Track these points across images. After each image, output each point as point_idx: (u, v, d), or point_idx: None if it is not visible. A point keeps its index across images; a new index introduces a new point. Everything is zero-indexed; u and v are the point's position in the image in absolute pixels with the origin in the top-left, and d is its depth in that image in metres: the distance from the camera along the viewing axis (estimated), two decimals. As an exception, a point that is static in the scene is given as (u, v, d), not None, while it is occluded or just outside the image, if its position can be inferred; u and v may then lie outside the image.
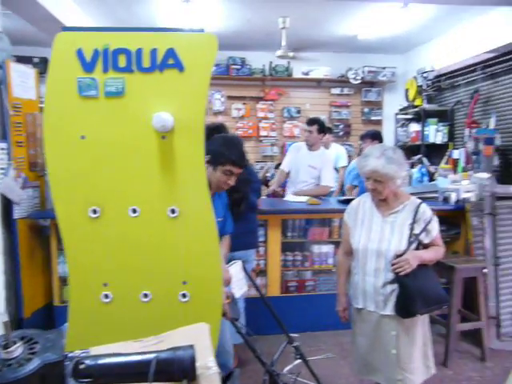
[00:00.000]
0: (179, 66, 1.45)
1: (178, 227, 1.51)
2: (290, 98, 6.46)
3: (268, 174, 5.41)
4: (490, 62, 4.70)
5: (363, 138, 4.51)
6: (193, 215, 1.51)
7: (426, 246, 2.15)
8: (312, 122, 4.19)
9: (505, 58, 4.43)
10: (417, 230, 2.08)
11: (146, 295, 1.53)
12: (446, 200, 3.78)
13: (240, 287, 2.11)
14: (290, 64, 6.20)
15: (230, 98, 6.33)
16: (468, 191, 3.68)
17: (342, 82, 6.40)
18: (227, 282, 1.93)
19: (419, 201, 2.17)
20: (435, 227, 2.14)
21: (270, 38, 5.48)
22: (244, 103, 6.35)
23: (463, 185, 3.79)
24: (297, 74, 6.25)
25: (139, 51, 1.43)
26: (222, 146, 2.04)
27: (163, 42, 1.44)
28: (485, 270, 3.38)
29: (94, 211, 1.52)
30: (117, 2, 4.41)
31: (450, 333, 3.15)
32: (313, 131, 4.12)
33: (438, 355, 3.10)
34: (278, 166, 5.52)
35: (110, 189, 1.52)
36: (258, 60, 6.20)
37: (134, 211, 1.51)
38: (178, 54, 1.44)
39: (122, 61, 1.44)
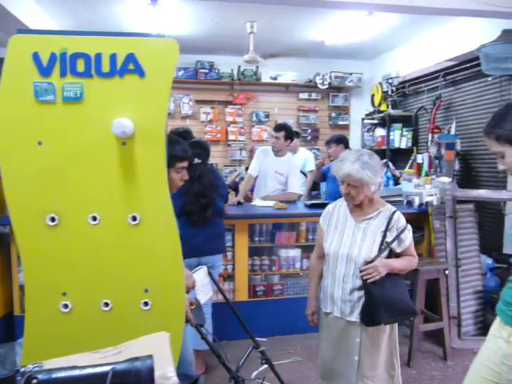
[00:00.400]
0: (140, 72, 1.43)
1: (140, 234, 1.49)
2: (259, 103, 6.48)
3: (237, 180, 5.41)
4: (451, 70, 4.87)
5: (328, 143, 4.57)
6: (154, 222, 1.49)
7: (398, 256, 2.12)
8: (279, 128, 4.20)
9: (464, 66, 4.61)
10: (389, 238, 2.06)
11: (106, 304, 1.50)
12: (409, 204, 3.88)
13: (205, 293, 2.10)
14: (258, 69, 6.23)
15: (199, 102, 6.30)
16: (430, 195, 3.80)
17: (310, 86, 6.48)
18: (190, 288, 1.90)
19: (394, 208, 2.14)
20: (408, 236, 2.11)
21: (238, 43, 5.49)
22: (212, 107, 6.33)
23: (426, 189, 3.91)
24: (265, 79, 6.28)
25: (98, 56, 1.40)
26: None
27: (123, 47, 1.42)
28: (446, 272, 3.49)
29: (53, 219, 1.48)
30: (81, 2, 4.32)
31: (413, 333, 3.23)
32: (280, 137, 4.13)
33: (402, 356, 3.16)
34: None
35: (68, 196, 1.48)
36: (227, 64, 6.20)
37: (94, 219, 1.47)
38: (139, 59, 1.42)
39: (81, 65, 1.41)
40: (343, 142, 4.50)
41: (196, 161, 2.85)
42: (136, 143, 1.45)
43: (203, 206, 2.85)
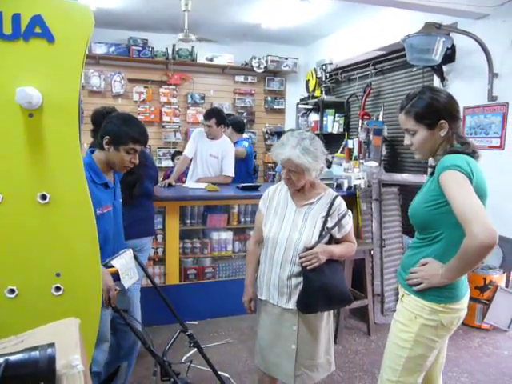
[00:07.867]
0: (48, 36, 1.30)
1: (50, 214, 1.37)
2: (194, 84, 6.33)
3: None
4: (380, 59, 5.05)
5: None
6: (67, 201, 1.38)
7: (338, 242, 2.08)
8: (209, 115, 4.06)
9: (391, 56, 4.79)
10: (330, 224, 2.00)
11: (12, 291, 1.37)
12: (339, 187, 4.00)
13: (130, 277, 2.00)
14: (193, 49, 6.07)
15: (131, 80, 6.04)
16: (358, 178, 3.93)
17: (246, 69, 6.44)
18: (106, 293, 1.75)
19: (335, 193, 2.09)
20: (349, 222, 2.07)
21: (172, 20, 5.29)
22: (146, 87, 6.09)
23: (354, 172, 4.04)
24: (201, 60, 6.15)
25: (-2, 15, 1.25)
26: (121, 126, 1.98)
27: (28, 7, 1.27)
28: (372, 252, 3.65)
29: None
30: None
31: (340, 312, 3.35)
32: (211, 125, 4.02)
33: (329, 333, 3.31)
34: (173, 156, 5.39)
35: (-34, 173, 1.33)
36: (161, 42, 5.98)
37: (-4, 198, 1.34)
38: (47, 22, 1.29)
39: (-23, 25, 1.26)
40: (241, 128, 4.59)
41: None
42: (45, 115, 1.32)
43: (129, 183, 2.74)
